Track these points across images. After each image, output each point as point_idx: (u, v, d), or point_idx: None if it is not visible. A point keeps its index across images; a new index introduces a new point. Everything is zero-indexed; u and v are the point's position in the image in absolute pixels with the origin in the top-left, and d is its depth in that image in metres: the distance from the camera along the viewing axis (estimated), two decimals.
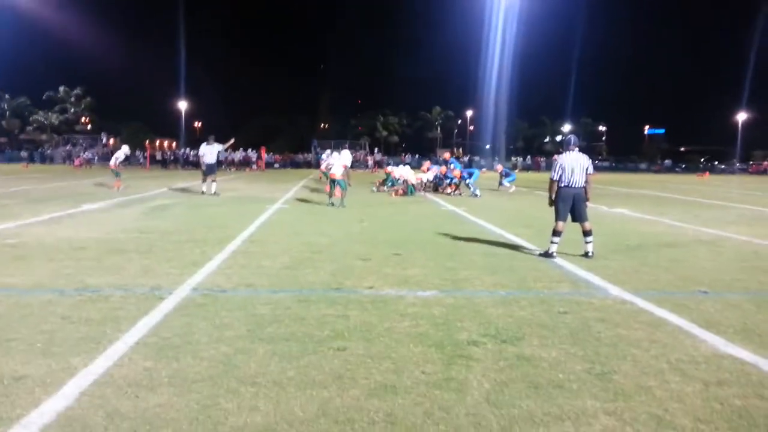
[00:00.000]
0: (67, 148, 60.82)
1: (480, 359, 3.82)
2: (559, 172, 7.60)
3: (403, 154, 63.40)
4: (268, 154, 57.98)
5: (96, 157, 54.61)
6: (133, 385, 3.31)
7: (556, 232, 7.63)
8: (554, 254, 7.57)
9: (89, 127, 74.37)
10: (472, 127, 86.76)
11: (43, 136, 69.85)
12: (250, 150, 55.49)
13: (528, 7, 55.40)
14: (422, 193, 19.77)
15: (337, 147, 59.32)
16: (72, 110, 72.40)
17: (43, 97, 71.31)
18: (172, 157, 55.23)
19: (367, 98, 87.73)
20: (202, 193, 17.85)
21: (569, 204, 7.63)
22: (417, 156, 59.15)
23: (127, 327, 4.35)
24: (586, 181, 7.65)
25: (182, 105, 67.77)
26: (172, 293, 5.39)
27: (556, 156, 21.99)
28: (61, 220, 11.03)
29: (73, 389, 3.23)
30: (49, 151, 60.09)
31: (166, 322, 4.54)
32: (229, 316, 4.70)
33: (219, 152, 18.42)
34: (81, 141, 63.26)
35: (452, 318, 4.76)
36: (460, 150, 32.36)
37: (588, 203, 7.80)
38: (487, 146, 69.03)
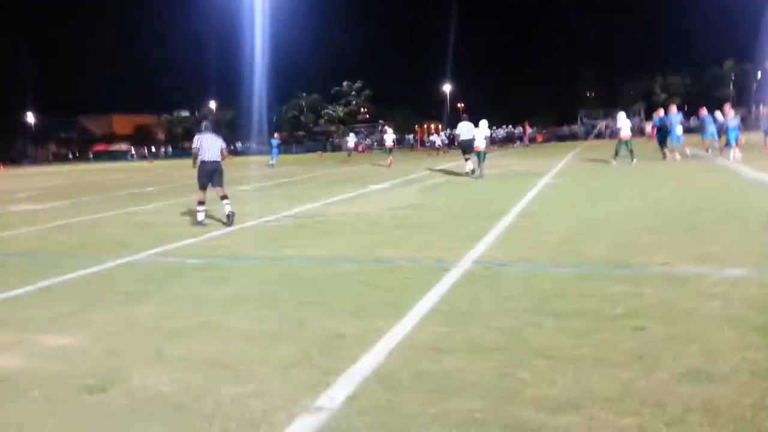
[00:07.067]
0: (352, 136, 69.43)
1: None
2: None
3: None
4: (531, 129, 57.00)
5: (375, 143, 60.66)
6: (433, 348, 3.54)
7: None
8: None
9: (367, 116, 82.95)
10: None
11: (332, 128, 79.84)
12: (511, 126, 55.36)
13: None
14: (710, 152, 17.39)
15: (607, 115, 55.41)
16: (354, 102, 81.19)
17: (331, 92, 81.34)
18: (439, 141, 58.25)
19: (640, 58, 79.43)
20: (466, 173, 16.84)
21: None
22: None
23: (420, 295, 4.69)
24: None
25: (446, 88, 70.76)
26: (455, 265, 5.64)
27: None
28: (354, 199, 12.45)
29: (382, 348, 3.59)
30: (337, 140, 68.77)
31: (454, 291, 4.77)
32: (512, 289, 4.73)
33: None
34: (363, 130, 71.49)
35: None
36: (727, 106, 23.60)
37: None
38: None
